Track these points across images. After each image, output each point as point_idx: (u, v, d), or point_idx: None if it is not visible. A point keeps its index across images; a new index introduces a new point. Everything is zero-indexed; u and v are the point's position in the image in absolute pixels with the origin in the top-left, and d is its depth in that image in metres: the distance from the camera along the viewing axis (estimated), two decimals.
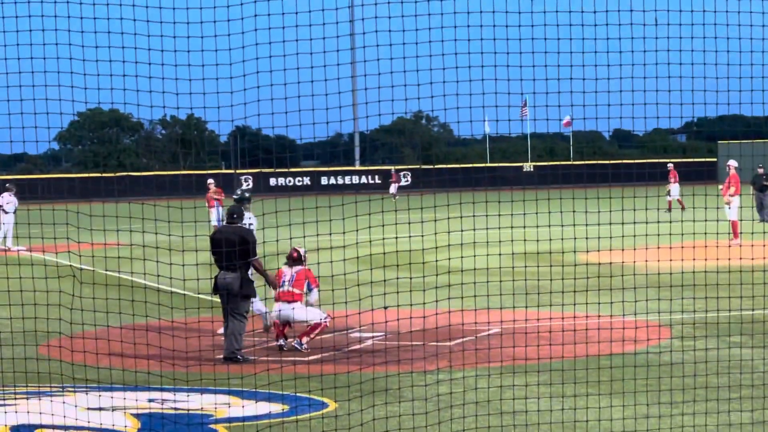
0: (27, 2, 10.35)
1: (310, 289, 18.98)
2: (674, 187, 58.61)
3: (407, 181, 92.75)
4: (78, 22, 10.38)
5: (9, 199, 42.12)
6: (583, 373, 15.51)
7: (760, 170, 46.71)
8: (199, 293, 21.52)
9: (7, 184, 44.14)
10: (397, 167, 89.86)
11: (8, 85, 10.24)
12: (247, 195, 21.80)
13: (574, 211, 17.12)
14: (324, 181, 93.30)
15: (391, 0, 10.94)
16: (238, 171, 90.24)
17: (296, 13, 10.79)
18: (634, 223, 18.08)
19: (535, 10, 10.84)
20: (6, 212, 41.97)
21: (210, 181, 51.50)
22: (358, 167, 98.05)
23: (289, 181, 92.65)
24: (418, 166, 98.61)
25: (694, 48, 11.12)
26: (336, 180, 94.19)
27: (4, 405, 14.76)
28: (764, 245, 20.01)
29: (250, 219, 21.01)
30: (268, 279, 18.70)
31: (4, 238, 41.85)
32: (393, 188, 77.31)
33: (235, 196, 22.41)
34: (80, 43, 10.45)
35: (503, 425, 12.34)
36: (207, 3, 10.27)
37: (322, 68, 10.97)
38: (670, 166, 62.04)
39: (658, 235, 18.22)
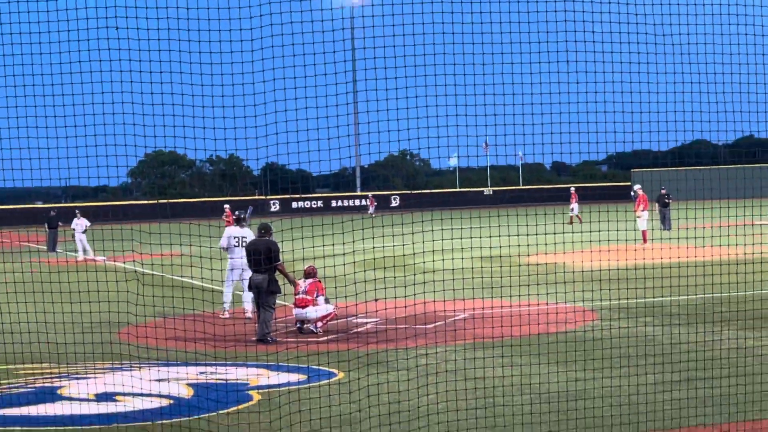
0: (100, 71, 10.39)
1: (318, 296, 19.06)
2: (575, 206, 57.73)
3: (396, 202, 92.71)
4: (139, 85, 10.43)
5: (77, 222, 42.17)
6: (529, 347, 15.52)
7: (663, 191, 46.97)
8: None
9: (76, 211, 44.15)
10: (373, 193, 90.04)
11: (86, 134, 10.24)
12: (242, 216, 22.06)
13: (518, 225, 17.12)
14: (333, 204, 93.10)
15: (377, 66, 10.99)
16: (268, 197, 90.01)
17: (305, 76, 10.85)
18: (563, 233, 18.15)
19: (485, 72, 10.88)
20: (76, 234, 42.04)
21: (226, 206, 50.88)
22: (359, 193, 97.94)
23: (307, 204, 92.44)
24: (404, 192, 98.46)
25: (606, 99, 11.16)
26: (342, 203, 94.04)
27: (87, 378, 14.77)
28: (662, 248, 20.00)
29: (244, 233, 21.21)
30: (289, 278, 18.74)
31: (85, 251, 41.72)
32: (371, 209, 78.29)
33: (234, 217, 22.71)
34: (141, 101, 10.49)
35: (467, 388, 12.35)
36: (237, 69, 10.30)
37: (326, 118, 11.00)
38: (572, 189, 61.93)
39: (582, 242, 18.17)
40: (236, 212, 22.91)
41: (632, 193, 43.62)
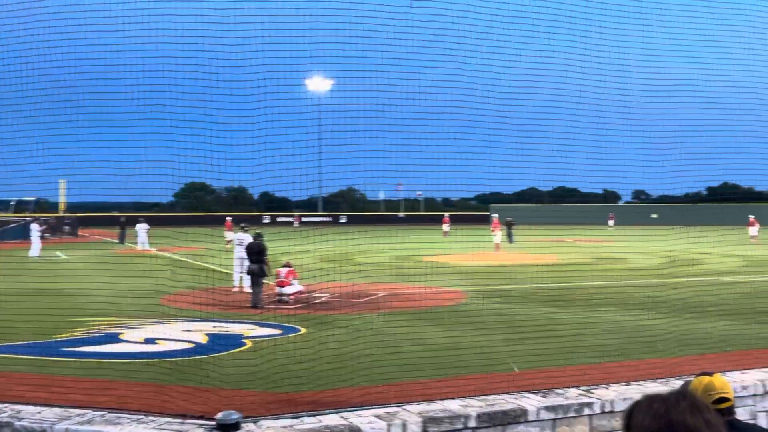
0: (157, 127, 10.02)
1: (292, 279, 18.77)
2: (447, 226, 51.62)
3: (344, 220, 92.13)
4: (183, 143, 10.09)
5: (141, 226, 41.31)
6: (423, 315, 15.40)
7: (509, 219, 47.21)
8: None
9: (140, 219, 43.24)
10: (301, 213, 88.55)
11: (147, 170, 9.90)
12: (242, 225, 22.23)
13: (419, 236, 17.01)
14: (304, 219, 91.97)
15: (334, 134, 10.80)
16: (262, 213, 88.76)
17: (291, 141, 10.60)
18: (447, 241, 18.08)
19: (399, 142, 10.73)
20: (139, 234, 41.27)
21: (228, 218, 49.23)
22: (320, 212, 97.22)
23: (287, 219, 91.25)
24: (349, 213, 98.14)
25: (474, 161, 11.05)
26: (310, 219, 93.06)
27: (139, 328, 14.31)
28: (508, 255, 20.05)
29: (246, 237, 20.95)
30: (269, 268, 18.39)
31: (143, 244, 40.82)
32: (296, 224, 74.10)
33: (239, 226, 22.77)
34: (183, 152, 10.12)
35: (384, 340, 12.16)
36: (246, 134, 10.03)
37: (301, 164, 10.73)
38: (446, 215, 58.70)
39: (457, 248, 18.18)
40: (241, 223, 22.77)
41: (490, 219, 43.75)
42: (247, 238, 20.73)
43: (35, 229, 35.99)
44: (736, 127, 12.64)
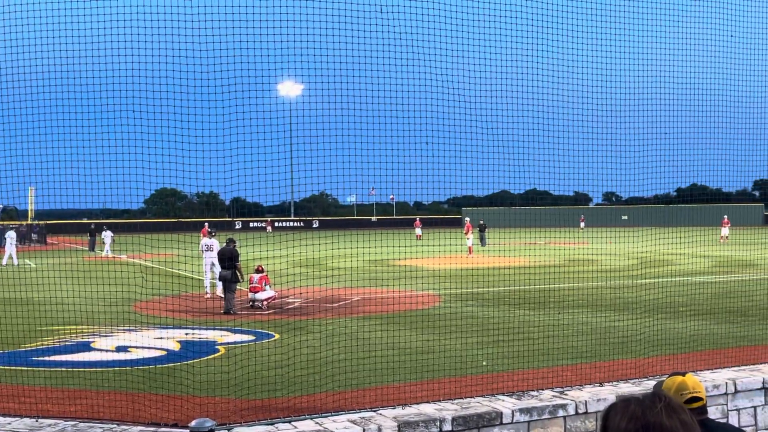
0: (127, 133, 9.91)
1: (265, 285, 18.60)
2: (419, 229, 53.13)
3: (316, 224, 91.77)
4: (154, 149, 9.98)
5: (106, 233, 41.05)
6: (397, 319, 15.39)
7: (481, 222, 47.38)
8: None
9: (104, 226, 42.81)
10: (272, 218, 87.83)
11: (116, 176, 9.79)
12: (210, 231, 21.97)
13: (392, 240, 17.00)
14: (276, 224, 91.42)
15: (306, 139, 10.78)
16: (234, 219, 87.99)
17: (265, 146, 10.54)
18: (419, 245, 18.08)
19: (372, 147, 10.73)
20: (105, 241, 41.07)
21: (206, 224, 49.07)
22: (293, 218, 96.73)
23: (259, 224, 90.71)
24: (322, 218, 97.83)
25: (446, 165, 11.08)
26: (282, 224, 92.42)
27: (110, 336, 14.13)
28: (480, 258, 20.11)
29: (213, 243, 20.80)
30: (241, 273, 18.26)
31: (108, 251, 40.50)
32: (269, 229, 73.01)
33: (207, 231, 22.75)
34: (154, 159, 10.02)
35: (357, 345, 12.14)
36: (216, 140, 9.96)
37: (272, 168, 10.67)
38: (417, 219, 58.68)
39: (430, 252, 18.20)
40: (210, 229, 22.73)
41: (463, 222, 43.87)
42: (216, 243, 20.63)
43: (11, 236, 35.26)
44: (702, 129, 12.84)
